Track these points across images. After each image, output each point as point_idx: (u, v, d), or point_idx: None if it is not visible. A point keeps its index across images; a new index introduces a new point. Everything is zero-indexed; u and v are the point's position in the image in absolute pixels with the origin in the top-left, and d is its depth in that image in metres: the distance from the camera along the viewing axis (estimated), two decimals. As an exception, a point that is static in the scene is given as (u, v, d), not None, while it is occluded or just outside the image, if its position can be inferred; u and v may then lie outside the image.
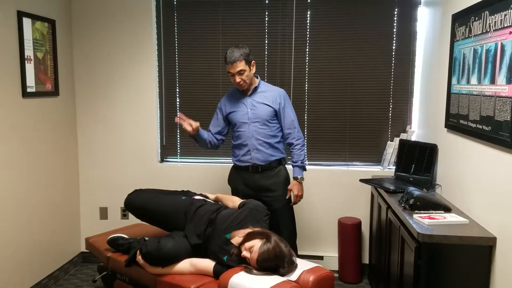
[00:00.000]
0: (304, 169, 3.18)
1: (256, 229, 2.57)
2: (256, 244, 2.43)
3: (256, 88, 3.13)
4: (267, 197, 3.11)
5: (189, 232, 2.74)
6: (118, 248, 2.97)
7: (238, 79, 3.00)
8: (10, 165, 3.09)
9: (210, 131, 3.27)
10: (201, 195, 3.08)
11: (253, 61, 3.05)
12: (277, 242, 2.43)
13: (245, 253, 2.45)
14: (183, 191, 3.13)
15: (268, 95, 3.12)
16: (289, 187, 3.14)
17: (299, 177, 3.13)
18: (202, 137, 3.16)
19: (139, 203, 2.96)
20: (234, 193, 3.22)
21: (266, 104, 3.09)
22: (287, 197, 3.14)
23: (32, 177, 3.34)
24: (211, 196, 3.11)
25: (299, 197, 3.15)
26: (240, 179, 3.19)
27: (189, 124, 3.05)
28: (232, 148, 3.24)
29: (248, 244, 2.46)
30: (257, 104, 3.10)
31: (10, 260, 3.12)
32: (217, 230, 2.66)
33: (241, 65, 2.97)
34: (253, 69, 3.07)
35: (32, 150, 3.33)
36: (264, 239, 2.44)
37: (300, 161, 3.13)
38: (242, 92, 3.15)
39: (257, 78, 3.17)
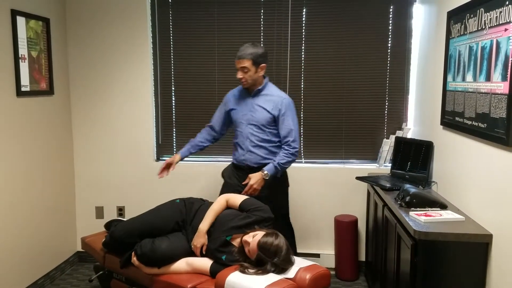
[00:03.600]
0: (277, 172, 2.98)
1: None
2: (261, 233, 2.43)
3: (259, 90, 3.07)
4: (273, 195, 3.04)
5: (190, 234, 2.72)
6: (114, 248, 2.95)
7: (240, 75, 2.99)
8: (5, 164, 3.07)
9: (211, 124, 3.26)
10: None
11: (262, 64, 2.99)
12: (283, 239, 2.44)
13: (246, 238, 2.44)
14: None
15: (270, 100, 3.04)
16: (250, 175, 2.96)
17: (265, 172, 2.93)
18: (192, 152, 3.24)
19: (134, 231, 2.81)
20: (226, 184, 3.17)
21: (265, 109, 3.03)
22: (243, 183, 2.99)
23: (27, 177, 3.32)
24: (202, 235, 2.67)
25: (252, 189, 2.92)
26: (235, 175, 3.14)
27: (171, 167, 3.18)
28: (233, 145, 3.22)
29: (252, 233, 2.46)
30: (258, 108, 3.05)
31: (6, 260, 3.10)
32: (217, 230, 2.64)
33: (247, 64, 2.94)
34: (260, 72, 3.00)
35: (27, 150, 3.31)
36: (270, 232, 2.45)
37: (278, 162, 2.96)
38: (248, 91, 3.12)
39: (265, 79, 3.10)
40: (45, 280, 3.56)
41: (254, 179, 2.93)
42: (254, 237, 2.42)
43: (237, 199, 2.76)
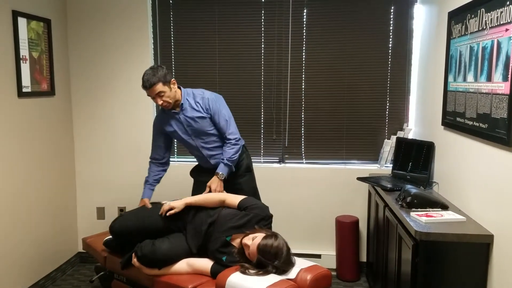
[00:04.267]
0: (230, 168, 3.02)
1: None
2: (261, 235, 2.42)
3: (182, 104, 3.02)
4: (229, 186, 3.08)
5: (189, 234, 2.72)
6: (115, 249, 2.95)
7: (160, 101, 2.92)
8: (6, 165, 3.08)
9: (155, 156, 3.19)
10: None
11: (171, 80, 2.94)
12: (283, 240, 2.43)
13: (246, 241, 2.43)
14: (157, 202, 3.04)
15: (197, 105, 3.01)
16: (208, 183, 2.99)
17: (220, 173, 2.97)
18: (153, 189, 3.20)
19: (132, 226, 2.82)
20: (197, 183, 3.18)
21: (199, 117, 3.00)
22: (205, 193, 2.99)
23: (29, 178, 3.32)
24: (179, 204, 2.78)
25: (218, 192, 2.98)
26: (206, 173, 3.12)
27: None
28: (194, 157, 3.23)
29: (252, 235, 2.46)
30: (191, 120, 3.01)
31: (7, 261, 3.11)
32: (217, 231, 2.63)
33: (159, 88, 2.87)
34: (174, 87, 2.95)
35: (28, 151, 3.31)
36: (270, 233, 2.44)
37: (226, 158, 2.99)
38: (171, 111, 3.05)
39: (181, 90, 3.03)
40: (46, 281, 3.56)
41: (214, 184, 2.97)
42: (253, 240, 2.41)
43: (235, 198, 2.77)
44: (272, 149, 3.91)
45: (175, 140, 3.32)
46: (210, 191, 2.97)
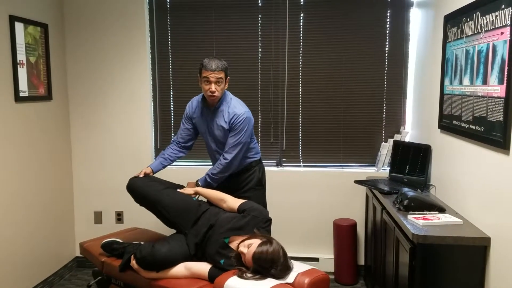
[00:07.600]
0: (209, 185, 3.00)
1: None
2: (256, 242, 2.42)
3: (219, 105, 3.00)
4: (239, 196, 3.04)
5: (191, 235, 2.72)
6: (113, 252, 2.94)
7: (213, 87, 2.89)
8: (3, 170, 3.07)
9: (178, 141, 3.21)
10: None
11: (228, 77, 2.98)
12: (278, 246, 2.42)
13: (242, 249, 2.43)
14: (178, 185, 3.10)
15: (225, 116, 2.98)
16: (189, 182, 3.08)
17: (199, 182, 3.02)
18: (165, 164, 3.21)
19: (147, 192, 2.91)
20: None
21: (222, 128, 2.99)
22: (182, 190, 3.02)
23: (26, 182, 3.32)
24: (190, 190, 2.96)
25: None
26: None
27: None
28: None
29: (247, 242, 2.45)
30: (214, 126, 3.02)
31: (4, 266, 3.10)
32: (216, 233, 2.64)
33: (221, 75, 2.89)
34: (226, 85, 2.98)
35: (25, 155, 3.31)
36: (265, 239, 2.44)
37: (210, 173, 3.00)
38: (205, 105, 3.05)
39: (224, 93, 3.03)
40: (44, 286, 3.55)
41: (188, 188, 2.99)
42: (249, 248, 2.40)
43: (235, 202, 2.78)
44: (269, 153, 3.91)
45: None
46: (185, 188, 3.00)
